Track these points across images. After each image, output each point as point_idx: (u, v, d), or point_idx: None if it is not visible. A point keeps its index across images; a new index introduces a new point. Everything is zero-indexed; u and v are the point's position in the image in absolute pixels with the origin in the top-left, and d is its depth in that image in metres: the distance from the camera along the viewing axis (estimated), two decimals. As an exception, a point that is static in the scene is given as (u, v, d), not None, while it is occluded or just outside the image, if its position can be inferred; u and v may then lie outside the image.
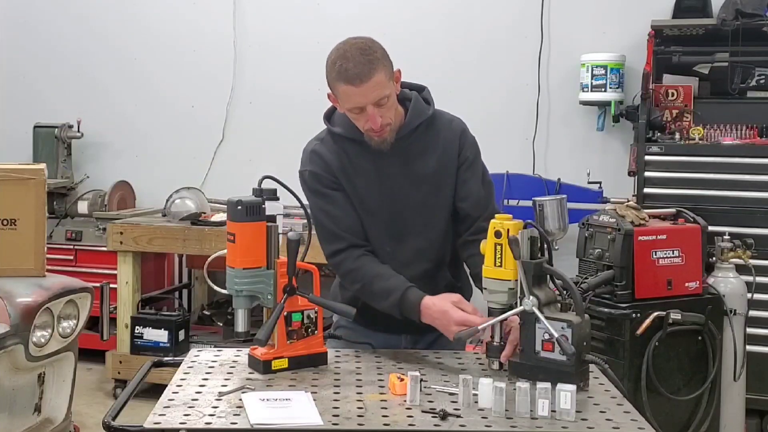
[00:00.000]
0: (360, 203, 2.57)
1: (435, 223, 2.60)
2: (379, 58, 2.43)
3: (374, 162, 2.56)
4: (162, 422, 1.96)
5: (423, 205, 2.58)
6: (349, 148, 2.58)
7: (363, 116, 2.46)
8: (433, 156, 2.59)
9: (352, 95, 2.42)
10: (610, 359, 3.43)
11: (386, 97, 2.45)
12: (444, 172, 2.60)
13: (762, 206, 4.19)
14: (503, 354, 2.31)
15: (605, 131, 5.06)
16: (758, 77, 4.57)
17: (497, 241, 2.28)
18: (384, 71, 2.43)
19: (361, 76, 2.39)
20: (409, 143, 2.58)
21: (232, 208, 2.27)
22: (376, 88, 2.41)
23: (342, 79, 2.42)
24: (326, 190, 2.57)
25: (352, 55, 2.41)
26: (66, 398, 3.57)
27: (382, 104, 2.45)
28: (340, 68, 2.42)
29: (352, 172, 2.57)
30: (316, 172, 2.58)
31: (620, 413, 2.07)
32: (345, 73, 2.41)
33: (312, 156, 2.60)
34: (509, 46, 5.30)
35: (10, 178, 3.40)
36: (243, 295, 2.30)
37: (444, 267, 2.65)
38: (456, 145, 2.62)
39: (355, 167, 2.57)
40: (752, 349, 3.95)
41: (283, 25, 5.71)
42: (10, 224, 3.39)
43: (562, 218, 4.07)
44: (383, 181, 2.57)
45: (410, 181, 2.57)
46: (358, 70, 2.40)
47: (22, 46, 6.23)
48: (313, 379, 2.28)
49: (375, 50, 2.44)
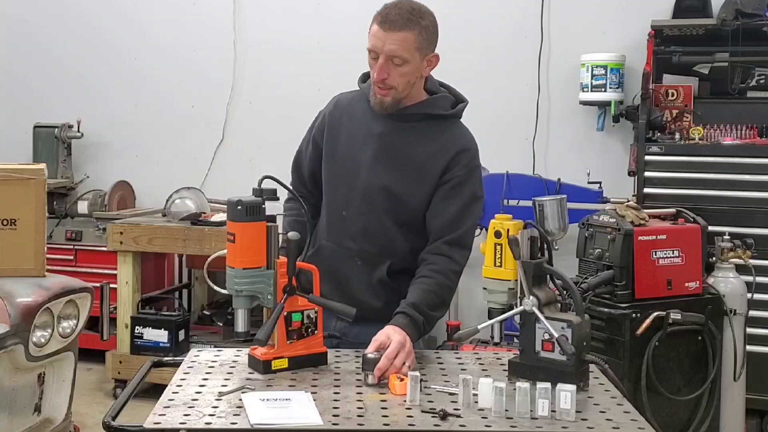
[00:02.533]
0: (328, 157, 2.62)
1: (393, 213, 2.54)
2: (422, 25, 2.46)
3: (365, 128, 2.58)
4: (162, 422, 1.96)
5: (388, 189, 2.52)
6: (358, 107, 2.63)
7: (376, 65, 2.47)
8: (423, 154, 2.54)
9: (376, 36, 2.46)
10: (610, 359, 3.43)
11: (402, 60, 2.44)
12: (422, 174, 2.53)
13: (762, 206, 4.19)
14: (377, 366, 2.21)
15: (605, 131, 5.06)
16: (758, 77, 4.58)
17: (497, 241, 2.28)
18: (417, 37, 2.44)
19: (392, 24, 2.43)
20: (406, 128, 2.56)
21: (232, 208, 2.27)
22: (397, 42, 2.42)
23: (377, 19, 2.46)
24: (308, 135, 2.73)
25: (402, 6, 2.46)
26: (66, 398, 3.57)
27: (396, 64, 2.45)
28: (384, 9, 2.47)
29: (341, 128, 2.62)
30: (318, 116, 2.72)
31: (620, 413, 2.07)
32: (383, 14, 2.46)
33: (331, 101, 2.73)
34: (509, 46, 5.30)
35: (10, 178, 3.40)
36: (243, 295, 2.30)
37: (385, 262, 2.56)
38: (448, 157, 2.53)
39: (347, 124, 2.61)
40: (752, 349, 3.94)
41: (283, 25, 5.71)
42: (10, 224, 3.39)
43: (562, 218, 4.07)
44: (364, 148, 2.56)
45: (388, 162, 2.54)
46: (394, 18, 2.43)
47: (22, 47, 6.23)
48: (313, 379, 2.28)
49: (424, 17, 2.48)
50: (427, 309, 2.43)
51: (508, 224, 2.33)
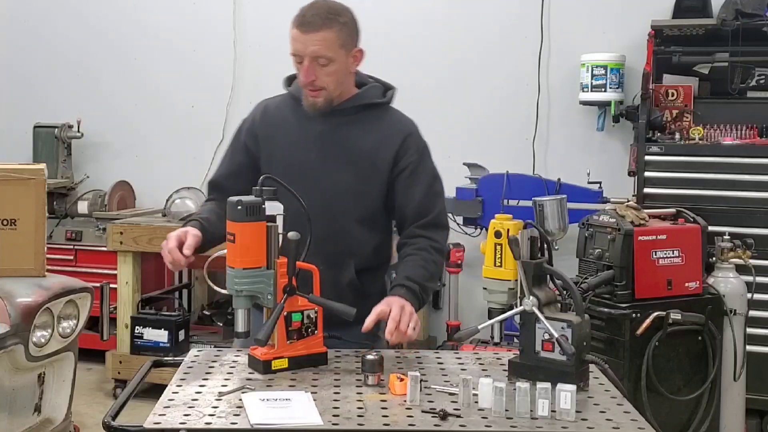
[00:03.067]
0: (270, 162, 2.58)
1: (351, 210, 2.54)
2: (341, 22, 2.47)
3: (305, 129, 2.56)
4: (162, 422, 1.96)
5: (343, 186, 2.50)
6: (290, 109, 2.62)
7: (301, 68, 2.48)
8: (367, 144, 2.56)
9: (296, 40, 2.48)
10: (610, 359, 3.43)
11: (327, 60, 2.45)
12: (372, 165, 2.54)
13: (762, 206, 4.19)
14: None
15: (605, 131, 5.06)
16: (758, 77, 4.57)
17: (497, 241, 2.29)
18: (338, 35, 2.45)
19: (310, 25, 2.44)
20: (346, 122, 2.57)
21: (232, 208, 2.26)
22: (318, 42, 2.44)
23: (296, 23, 2.48)
24: (232, 146, 2.70)
25: (318, 6, 2.47)
26: (66, 398, 3.57)
27: (321, 64, 2.46)
28: (300, 12, 2.48)
29: (279, 132, 2.61)
30: (242, 125, 2.71)
31: (620, 413, 2.07)
32: (300, 17, 2.47)
33: (256, 107, 2.73)
34: (509, 46, 5.30)
35: (10, 178, 3.40)
36: (243, 295, 2.30)
37: (349, 264, 2.56)
38: (396, 145, 2.56)
39: (284, 128, 2.60)
40: (752, 349, 3.94)
41: (283, 25, 5.68)
42: (10, 224, 3.39)
43: (562, 218, 4.06)
44: (307, 151, 2.55)
45: (337, 160, 2.54)
46: (312, 19, 2.45)
47: (22, 46, 6.23)
48: (313, 379, 2.28)
49: (342, 14, 2.48)
50: (420, 280, 2.47)
51: (508, 224, 2.34)
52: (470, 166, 4.90)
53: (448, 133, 5.37)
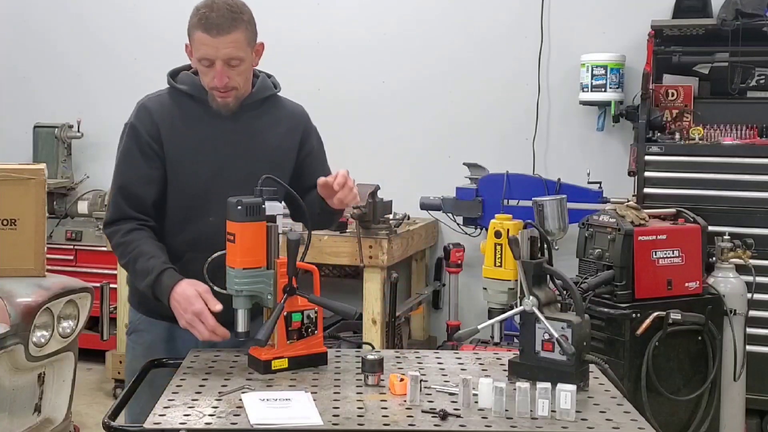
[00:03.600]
0: (180, 166, 2.49)
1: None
2: (245, 20, 2.44)
3: (214, 127, 2.52)
4: (162, 422, 1.96)
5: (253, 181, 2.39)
6: (189, 108, 2.53)
7: (211, 71, 2.43)
8: (276, 135, 2.59)
9: (206, 45, 2.40)
10: (610, 359, 3.43)
11: (239, 60, 2.44)
12: (283, 154, 2.59)
13: (762, 206, 4.18)
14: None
15: (605, 131, 5.06)
16: (758, 77, 4.57)
17: (497, 241, 2.29)
18: (245, 34, 2.44)
19: (220, 28, 2.38)
20: (254, 116, 2.57)
21: (232, 208, 2.27)
22: (230, 45, 2.40)
23: (201, 27, 2.40)
24: (136, 152, 2.50)
25: (219, 7, 2.40)
26: (66, 398, 3.57)
27: (233, 65, 2.44)
28: (203, 15, 2.40)
29: (185, 132, 2.51)
30: (137, 129, 2.53)
31: (620, 413, 2.07)
32: (205, 20, 2.39)
33: (140, 110, 2.57)
34: (509, 46, 5.30)
35: (10, 178, 3.40)
36: (243, 295, 2.30)
37: None
38: (300, 130, 2.65)
39: (190, 128, 2.51)
40: (752, 349, 3.94)
41: (282, 24, 5.70)
42: (10, 224, 3.39)
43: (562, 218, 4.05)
44: (218, 149, 2.51)
45: (251, 154, 2.53)
46: (220, 21, 2.38)
47: (22, 47, 6.23)
48: (313, 379, 2.28)
49: (243, 11, 2.44)
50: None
51: (508, 224, 2.34)
52: (470, 166, 4.90)
53: (448, 133, 5.37)
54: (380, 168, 5.15)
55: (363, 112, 5.48)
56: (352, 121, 5.44)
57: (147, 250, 2.43)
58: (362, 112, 5.48)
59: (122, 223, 2.49)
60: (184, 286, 2.35)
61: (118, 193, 2.52)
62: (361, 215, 4.32)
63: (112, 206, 2.53)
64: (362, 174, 4.77)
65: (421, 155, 5.40)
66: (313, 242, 2.43)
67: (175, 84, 2.57)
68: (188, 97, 2.54)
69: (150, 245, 2.45)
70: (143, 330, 2.68)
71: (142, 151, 2.51)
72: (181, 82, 2.57)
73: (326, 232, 4.34)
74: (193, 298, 2.31)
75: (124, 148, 2.54)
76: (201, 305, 2.30)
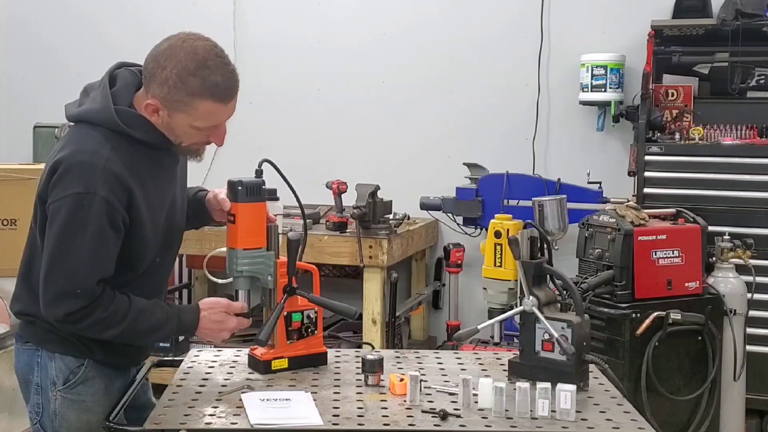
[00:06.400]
0: (149, 214, 2.21)
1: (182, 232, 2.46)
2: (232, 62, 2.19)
3: (167, 171, 2.32)
4: (162, 422, 1.96)
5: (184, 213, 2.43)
6: (149, 159, 2.22)
7: (207, 132, 2.22)
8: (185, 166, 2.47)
9: (218, 113, 2.16)
10: (610, 359, 3.43)
11: None
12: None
13: (762, 206, 4.18)
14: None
15: (605, 131, 5.05)
16: (758, 77, 4.57)
17: (497, 241, 2.29)
18: None
19: (232, 91, 2.15)
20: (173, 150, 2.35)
21: (232, 189, 2.27)
22: (234, 105, 2.21)
23: (210, 96, 2.12)
24: (109, 231, 2.10)
25: (216, 65, 2.12)
26: (66, 398, 3.57)
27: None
28: (207, 81, 2.10)
29: (148, 181, 2.21)
30: (111, 203, 2.10)
31: (620, 413, 2.07)
32: (214, 88, 2.11)
33: (108, 178, 2.09)
34: (509, 46, 5.30)
35: (10, 178, 3.40)
36: (243, 276, 2.30)
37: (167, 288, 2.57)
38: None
39: (152, 176, 2.23)
40: (752, 349, 3.94)
41: (283, 24, 5.71)
42: (10, 224, 3.40)
43: (562, 218, 4.06)
44: (169, 191, 2.33)
45: (181, 190, 2.44)
46: (229, 84, 2.13)
47: (22, 47, 6.23)
48: (313, 379, 2.28)
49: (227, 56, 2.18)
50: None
51: (508, 224, 2.34)
52: (470, 166, 4.90)
53: (448, 133, 5.37)
54: (380, 168, 5.14)
55: (363, 112, 5.48)
56: (352, 121, 5.43)
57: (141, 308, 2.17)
58: (362, 112, 5.48)
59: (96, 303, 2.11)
60: (206, 313, 2.26)
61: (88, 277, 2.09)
62: (361, 215, 4.31)
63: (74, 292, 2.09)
64: (362, 174, 4.79)
65: (421, 155, 5.40)
66: (313, 242, 2.44)
67: (133, 132, 2.18)
68: (144, 145, 2.20)
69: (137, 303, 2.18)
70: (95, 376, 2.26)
71: (115, 227, 2.13)
72: (134, 128, 2.19)
73: (326, 231, 4.34)
74: (224, 320, 2.26)
75: (96, 227, 2.08)
76: (233, 321, 2.28)
